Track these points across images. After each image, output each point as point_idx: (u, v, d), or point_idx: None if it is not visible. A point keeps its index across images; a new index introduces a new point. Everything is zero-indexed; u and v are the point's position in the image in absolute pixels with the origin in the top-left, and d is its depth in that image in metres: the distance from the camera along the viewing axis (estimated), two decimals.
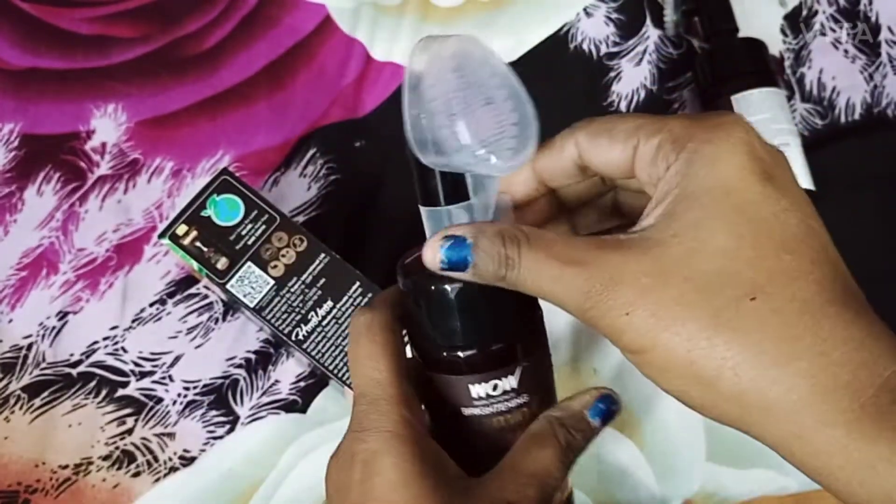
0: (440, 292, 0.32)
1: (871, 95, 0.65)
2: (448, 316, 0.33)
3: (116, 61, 0.63)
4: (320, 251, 0.54)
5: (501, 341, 0.34)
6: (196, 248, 0.53)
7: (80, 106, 0.62)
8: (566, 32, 0.66)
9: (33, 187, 0.60)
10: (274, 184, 0.61)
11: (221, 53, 0.64)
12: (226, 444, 0.56)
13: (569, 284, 0.29)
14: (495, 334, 0.33)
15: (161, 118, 0.62)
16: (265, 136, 0.62)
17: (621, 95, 0.64)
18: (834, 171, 0.61)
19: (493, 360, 0.34)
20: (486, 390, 0.34)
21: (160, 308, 0.58)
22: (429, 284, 0.33)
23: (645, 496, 0.57)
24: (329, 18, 0.65)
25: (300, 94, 0.63)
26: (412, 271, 0.34)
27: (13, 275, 0.58)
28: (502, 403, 0.34)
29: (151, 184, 0.61)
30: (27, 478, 0.55)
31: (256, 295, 0.53)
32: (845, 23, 0.66)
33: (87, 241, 0.59)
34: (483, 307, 0.33)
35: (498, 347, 0.33)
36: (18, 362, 0.57)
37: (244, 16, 0.65)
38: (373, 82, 0.64)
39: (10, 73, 0.62)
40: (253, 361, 0.57)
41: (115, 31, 0.64)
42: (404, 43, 0.64)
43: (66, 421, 0.56)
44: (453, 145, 0.30)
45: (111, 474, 0.55)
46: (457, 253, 0.31)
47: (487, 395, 0.34)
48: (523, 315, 0.34)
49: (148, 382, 0.57)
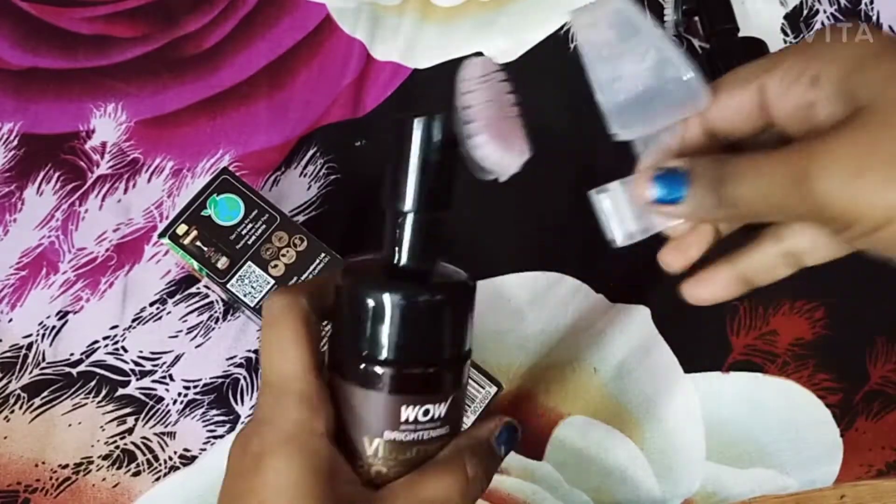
0: (404, 298, 0.31)
1: None
2: (400, 324, 0.31)
3: (116, 61, 0.63)
4: (320, 251, 0.54)
5: (443, 363, 0.32)
6: (196, 248, 0.53)
7: (80, 105, 0.62)
8: (566, 32, 0.66)
9: (33, 187, 0.60)
10: (274, 183, 0.61)
11: (221, 53, 0.64)
12: (226, 443, 0.56)
13: (792, 175, 0.29)
14: (441, 354, 0.32)
15: (161, 118, 0.62)
16: (265, 136, 0.62)
17: None
18: None
19: (432, 382, 0.32)
20: (418, 414, 0.32)
21: (160, 307, 0.58)
22: (388, 289, 0.31)
23: (645, 496, 0.57)
24: (329, 18, 0.65)
25: (300, 93, 0.63)
26: (364, 271, 0.33)
27: (13, 274, 0.58)
28: (426, 432, 0.32)
29: (151, 183, 0.61)
30: (27, 477, 0.55)
31: (257, 294, 0.53)
32: None
33: (87, 241, 0.59)
34: (438, 323, 0.32)
35: (439, 369, 0.32)
36: (18, 362, 0.57)
37: (244, 16, 0.65)
38: (373, 82, 0.64)
39: (10, 72, 0.62)
40: (253, 361, 0.57)
41: (115, 30, 0.64)
42: (404, 42, 0.64)
43: (66, 420, 0.56)
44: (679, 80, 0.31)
45: (111, 473, 0.55)
46: (671, 183, 0.31)
47: (416, 419, 0.32)
48: (461, 343, 0.33)
49: (148, 382, 0.57)
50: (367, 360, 0.32)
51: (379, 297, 0.31)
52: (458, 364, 0.33)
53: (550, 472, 0.56)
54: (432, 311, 0.32)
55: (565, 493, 0.56)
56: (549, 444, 0.57)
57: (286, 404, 0.32)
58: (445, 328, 0.33)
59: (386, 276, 0.33)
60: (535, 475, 0.56)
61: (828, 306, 0.59)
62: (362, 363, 0.32)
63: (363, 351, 0.32)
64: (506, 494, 0.55)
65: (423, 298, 0.32)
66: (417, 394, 0.32)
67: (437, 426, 0.32)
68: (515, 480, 0.56)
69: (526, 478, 0.56)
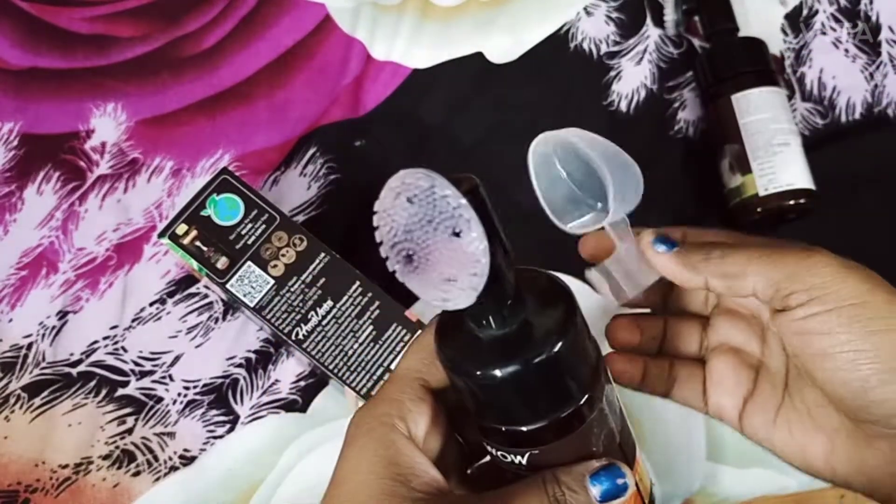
0: (464, 384, 0.31)
1: (871, 95, 0.65)
2: (469, 397, 0.32)
3: (116, 61, 0.63)
4: (320, 251, 0.54)
5: (507, 429, 0.32)
6: (196, 248, 0.53)
7: (80, 105, 0.62)
8: (566, 32, 0.66)
9: (33, 186, 0.60)
10: (274, 183, 0.61)
11: (221, 53, 0.64)
12: (226, 443, 0.56)
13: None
14: (502, 420, 0.32)
15: (161, 117, 0.62)
16: (265, 136, 0.62)
17: (621, 95, 0.64)
18: (834, 171, 0.60)
19: (501, 440, 0.33)
20: (497, 453, 0.33)
21: (160, 307, 0.58)
22: (460, 373, 0.31)
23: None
24: (329, 18, 0.65)
25: (300, 93, 0.63)
26: (447, 346, 0.32)
27: (13, 274, 0.58)
28: (513, 469, 0.33)
29: (151, 183, 0.61)
30: (27, 477, 0.55)
31: (256, 294, 0.53)
32: (846, 22, 0.66)
33: (87, 241, 0.59)
34: (499, 401, 0.31)
35: (505, 432, 0.32)
36: (18, 362, 0.57)
37: (244, 15, 0.65)
38: (372, 81, 0.64)
39: (10, 72, 0.62)
40: (253, 361, 0.57)
41: (115, 30, 0.64)
42: (404, 42, 0.64)
43: (66, 420, 0.56)
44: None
45: (111, 474, 0.55)
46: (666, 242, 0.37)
47: (500, 456, 0.33)
48: (545, 406, 0.31)
49: (148, 382, 0.57)
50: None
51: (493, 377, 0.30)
52: (549, 422, 0.32)
53: None
54: (497, 385, 0.30)
55: None
56: None
57: (377, 400, 0.34)
58: (504, 401, 0.31)
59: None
60: None
61: None
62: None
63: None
64: None
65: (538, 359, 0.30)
66: (494, 441, 0.33)
67: (519, 468, 0.33)
68: None
69: None
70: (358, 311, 0.53)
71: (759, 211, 0.58)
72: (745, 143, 0.58)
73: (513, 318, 0.30)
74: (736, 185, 0.58)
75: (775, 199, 0.57)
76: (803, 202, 0.57)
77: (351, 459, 0.32)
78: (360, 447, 0.32)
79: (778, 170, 0.57)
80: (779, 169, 0.57)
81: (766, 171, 0.57)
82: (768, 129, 0.58)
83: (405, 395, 0.33)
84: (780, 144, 0.58)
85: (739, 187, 0.58)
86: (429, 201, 0.27)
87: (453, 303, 0.28)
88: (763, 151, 0.57)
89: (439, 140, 0.62)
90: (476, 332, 0.31)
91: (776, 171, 0.57)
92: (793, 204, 0.57)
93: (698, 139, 0.63)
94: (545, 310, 0.31)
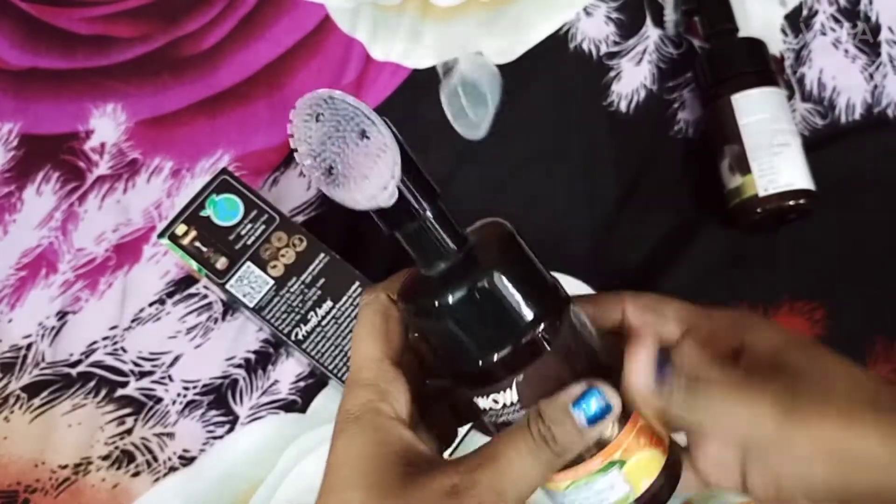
0: (429, 324, 0.33)
1: (871, 95, 0.65)
2: (438, 341, 0.34)
3: (116, 61, 0.63)
4: (320, 251, 0.54)
5: (484, 361, 0.33)
6: (195, 248, 0.53)
7: (80, 106, 0.62)
8: (566, 32, 0.66)
9: (32, 187, 0.60)
10: (273, 183, 0.61)
11: (221, 53, 0.64)
12: (225, 443, 0.56)
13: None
14: (475, 356, 0.33)
15: (160, 118, 0.62)
16: (265, 136, 0.62)
17: (621, 95, 0.64)
18: (834, 171, 0.60)
19: (483, 378, 0.33)
20: (489, 404, 0.34)
21: (159, 308, 0.58)
22: (422, 314, 0.33)
23: None
24: (328, 18, 0.65)
25: (300, 93, 0.63)
26: (408, 296, 0.34)
27: (13, 275, 0.58)
28: (509, 415, 0.34)
29: (151, 183, 0.61)
30: (27, 477, 0.55)
31: (256, 295, 0.53)
32: (845, 22, 0.66)
33: (87, 241, 0.59)
34: (464, 333, 0.32)
35: (482, 367, 0.33)
36: (18, 362, 0.57)
37: (243, 16, 0.65)
38: (372, 82, 0.64)
39: (10, 73, 0.62)
40: (252, 361, 0.57)
41: (115, 30, 0.64)
42: (403, 42, 0.64)
43: (66, 421, 0.56)
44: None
45: (111, 474, 0.55)
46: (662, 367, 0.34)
47: (491, 407, 0.34)
48: (507, 329, 0.33)
49: (147, 382, 0.57)
50: (445, 368, 0.35)
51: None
52: (503, 355, 0.33)
53: None
54: (455, 323, 0.32)
55: None
56: None
57: (354, 390, 0.34)
58: (467, 337, 0.33)
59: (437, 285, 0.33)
60: None
61: (828, 306, 0.59)
62: (442, 368, 0.35)
63: (437, 360, 0.35)
64: None
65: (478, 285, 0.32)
66: (478, 387, 0.34)
67: (515, 410, 0.33)
68: None
69: None
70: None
71: (758, 211, 0.58)
72: (744, 144, 0.58)
73: (457, 252, 0.32)
74: (736, 185, 0.58)
75: (775, 200, 0.57)
76: (803, 202, 0.57)
77: (342, 448, 0.33)
78: (349, 436, 0.33)
79: (778, 170, 0.57)
80: (779, 169, 0.57)
81: (765, 172, 0.57)
82: (768, 130, 0.58)
83: (381, 378, 0.34)
84: (780, 145, 0.58)
85: (739, 188, 0.58)
86: (333, 112, 0.31)
87: (378, 199, 0.30)
88: (763, 152, 0.57)
89: (439, 140, 0.62)
90: (427, 273, 0.33)
91: (776, 171, 0.57)
92: (793, 204, 0.57)
93: (698, 139, 0.63)
94: (488, 243, 0.33)
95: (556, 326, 0.33)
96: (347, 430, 0.33)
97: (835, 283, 0.60)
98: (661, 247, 0.61)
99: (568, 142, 0.63)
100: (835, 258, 0.60)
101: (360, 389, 0.34)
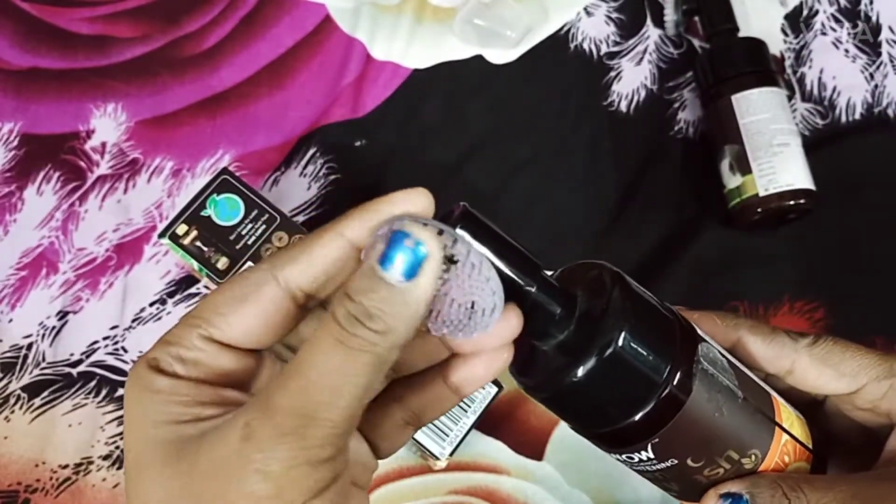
0: (552, 399, 0.31)
1: (871, 95, 0.65)
2: (564, 413, 0.32)
3: (116, 61, 0.63)
4: None
5: (615, 425, 0.31)
6: (196, 248, 0.53)
7: (80, 105, 0.62)
8: (566, 32, 0.66)
9: (33, 187, 0.60)
10: (274, 183, 0.61)
11: (221, 53, 0.64)
12: None
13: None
14: (605, 421, 0.31)
15: (161, 118, 0.62)
16: (265, 136, 0.62)
17: (621, 95, 0.64)
18: (834, 171, 0.60)
19: (616, 441, 0.32)
20: (626, 459, 0.32)
21: (160, 308, 0.58)
22: (545, 389, 0.31)
23: (646, 497, 0.57)
24: (329, 18, 0.65)
25: (300, 93, 0.63)
26: (527, 373, 0.31)
27: (13, 274, 0.58)
28: (649, 466, 0.32)
29: (151, 183, 0.61)
30: (27, 477, 0.55)
31: None
32: (846, 22, 0.66)
33: (87, 241, 0.59)
34: (593, 403, 0.31)
35: (613, 430, 0.31)
36: (18, 362, 0.57)
37: (244, 15, 0.65)
38: (373, 82, 0.64)
39: (10, 72, 0.63)
40: None
41: (115, 30, 0.64)
42: (404, 42, 0.64)
43: (67, 420, 0.56)
44: None
45: (111, 474, 0.55)
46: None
47: (629, 460, 0.32)
48: (638, 395, 0.30)
49: None
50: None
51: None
52: (634, 422, 0.31)
53: (551, 473, 0.56)
54: (584, 390, 0.30)
55: (565, 493, 0.56)
56: (549, 445, 0.56)
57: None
58: (594, 404, 0.31)
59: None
60: (535, 476, 0.56)
61: (828, 306, 0.59)
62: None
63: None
64: (506, 495, 0.55)
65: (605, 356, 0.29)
66: (612, 447, 0.33)
67: (655, 463, 0.33)
68: (515, 481, 0.56)
69: (526, 478, 0.56)
70: None
71: (759, 211, 0.58)
72: (745, 144, 0.58)
73: (568, 318, 0.30)
74: (736, 185, 0.58)
75: (775, 200, 0.57)
76: (803, 202, 0.57)
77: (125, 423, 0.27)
78: (126, 408, 0.27)
79: (778, 170, 0.57)
80: (779, 169, 0.57)
81: (766, 172, 0.57)
82: (768, 130, 0.58)
83: (169, 336, 0.27)
84: (780, 145, 0.58)
85: (739, 187, 0.58)
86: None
87: (483, 323, 0.27)
88: (763, 152, 0.58)
89: (439, 140, 0.62)
90: (541, 348, 0.30)
91: (776, 171, 0.57)
92: (793, 204, 0.57)
93: (698, 139, 0.63)
94: (598, 294, 0.30)
95: (690, 372, 0.31)
96: (126, 401, 0.27)
97: (835, 283, 0.60)
98: (661, 247, 0.61)
99: (568, 141, 0.63)
100: (835, 258, 0.60)
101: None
